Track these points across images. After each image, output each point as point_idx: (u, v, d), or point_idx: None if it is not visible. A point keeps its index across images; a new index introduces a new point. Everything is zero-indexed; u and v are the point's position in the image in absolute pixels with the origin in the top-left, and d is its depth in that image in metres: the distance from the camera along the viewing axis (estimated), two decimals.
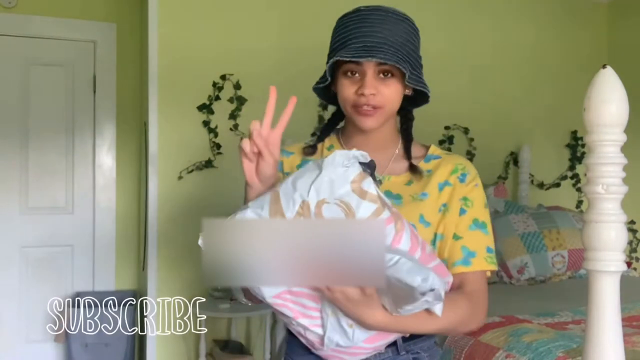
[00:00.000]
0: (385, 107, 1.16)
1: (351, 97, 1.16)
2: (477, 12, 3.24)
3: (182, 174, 2.69)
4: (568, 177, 3.46)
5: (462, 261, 1.15)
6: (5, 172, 3.10)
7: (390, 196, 1.19)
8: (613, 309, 0.99)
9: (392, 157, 1.25)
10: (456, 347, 1.81)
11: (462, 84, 3.20)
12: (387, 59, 1.10)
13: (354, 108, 1.16)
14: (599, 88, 0.98)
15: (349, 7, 1.23)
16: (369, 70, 1.14)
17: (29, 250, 3.13)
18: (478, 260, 1.16)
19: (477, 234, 1.17)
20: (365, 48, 1.12)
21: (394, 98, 1.17)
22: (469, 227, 1.17)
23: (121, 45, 3.26)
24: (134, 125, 3.28)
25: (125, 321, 2.80)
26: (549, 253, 2.75)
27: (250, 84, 2.77)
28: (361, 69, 1.15)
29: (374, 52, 1.11)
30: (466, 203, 1.18)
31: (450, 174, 1.20)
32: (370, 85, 1.13)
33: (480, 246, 1.17)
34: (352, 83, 1.16)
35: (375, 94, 1.14)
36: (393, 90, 1.16)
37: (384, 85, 1.15)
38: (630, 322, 1.86)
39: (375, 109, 1.15)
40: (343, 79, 1.17)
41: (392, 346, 1.15)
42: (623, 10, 3.48)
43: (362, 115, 1.15)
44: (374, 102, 1.14)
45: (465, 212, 1.18)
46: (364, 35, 1.14)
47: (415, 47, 1.20)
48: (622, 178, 1.01)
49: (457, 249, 1.16)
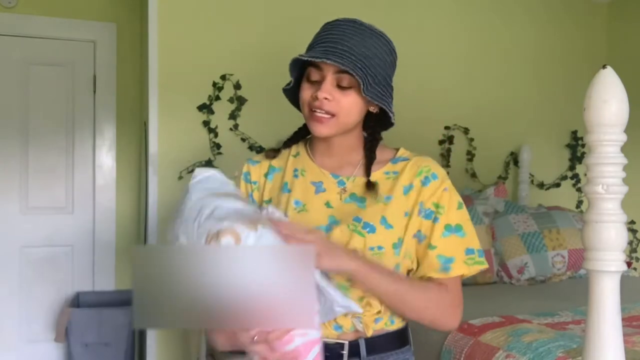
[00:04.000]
0: (339, 116, 1.15)
1: (308, 100, 1.16)
2: (477, 13, 3.24)
3: (182, 174, 2.69)
4: (568, 177, 3.46)
5: (441, 269, 1.16)
6: (5, 172, 3.11)
7: (355, 199, 1.20)
8: (613, 309, 0.99)
9: (358, 166, 1.24)
10: (456, 347, 1.81)
11: (462, 84, 3.19)
12: (341, 64, 1.09)
13: (309, 112, 1.16)
14: (599, 88, 0.98)
15: (349, 7, 1.23)
16: (328, 75, 1.13)
17: (29, 250, 3.13)
18: (457, 264, 1.16)
19: (452, 239, 1.17)
20: (326, 52, 1.12)
21: (350, 109, 1.15)
22: (442, 234, 1.17)
23: (121, 45, 3.26)
24: (134, 125, 3.28)
25: (125, 321, 2.80)
26: (549, 253, 2.75)
27: (250, 84, 2.77)
28: (322, 74, 1.14)
29: (331, 56, 1.11)
30: (438, 210, 1.17)
31: (415, 177, 1.20)
32: (326, 89, 1.13)
33: (457, 251, 1.17)
34: (311, 87, 1.16)
35: (330, 100, 1.13)
36: (350, 101, 1.14)
37: (342, 95, 1.14)
38: (630, 322, 1.86)
39: (329, 117, 1.14)
40: (304, 83, 1.17)
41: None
42: (623, 10, 3.48)
43: (315, 121, 1.15)
44: (328, 107, 1.14)
45: (438, 220, 1.17)
46: (330, 41, 1.14)
47: (384, 63, 1.17)
48: (622, 178, 1.01)
49: (433, 259, 1.16)
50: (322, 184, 1.23)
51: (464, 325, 1.86)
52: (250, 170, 1.30)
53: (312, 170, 1.25)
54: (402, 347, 1.22)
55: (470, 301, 2.27)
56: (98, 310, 2.80)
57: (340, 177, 1.23)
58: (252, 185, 1.28)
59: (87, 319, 2.77)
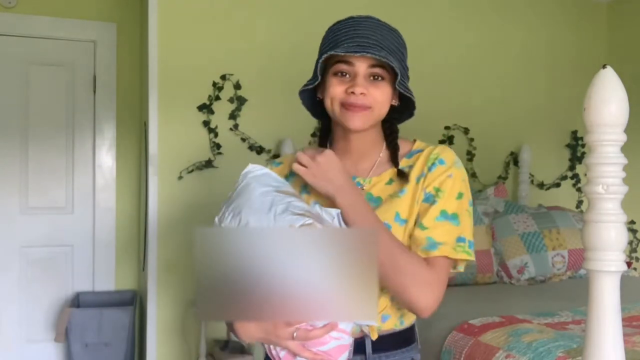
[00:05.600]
0: (374, 108, 1.16)
1: (340, 95, 1.15)
2: (477, 13, 3.24)
3: (182, 174, 2.69)
4: (568, 177, 3.46)
5: (427, 247, 1.12)
6: (5, 172, 3.11)
7: (371, 199, 1.20)
8: (613, 309, 0.99)
9: (375, 163, 1.25)
10: (456, 347, 1.81)
11: (462, 83, 3.20)
12: (381, 56, 1.10)
13: (342, 106, 1.16)
14: (599, 88, 0.98)
15: (350, 7, 1.23)
16: (361, 70, 1.14)
17: (29, 250, 3.13)
18: (445, 247, 1.13)
19: (445, 225, 1.14)
20: (359, 46, 1.12)
21: (383, 101, 1.17)
22: (436, 218, 1.14)
23: (121, 45, 3.26)
24: (134, 125, 3.28)
25: (125, 321, 2.80)
26: (549, 253, 2.75)
27: (250, 84, 2.77)
28: (353, 69, 1.14)
29: (368, 49, 1.11)
30: (437, 194, 1.16)
31: (425, 165, 1.19)
32: (362, 84, 1.13)
33: (448, 238, 1.14)
34: (341, 82, 1.16)
35: (365, 94, 1.14)
36: (383, 93, 1.16)
37: (374, 87, 1.15)
38: (630, 322, 1.86)
39: (365, 111, 1.15)
40: (333, 79, 1.16)
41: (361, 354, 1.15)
42: (623, 10, 3.48)
43: (351, 115, 1.15)
44: (363, 101, 1.14)
45: (436, 202, 1.15)
46: (357, 37, 1.14)
47: (404, 56, 1.20)
48: (622, 178, 1.01)
49: (422, 237, 1.13)
50: None
51: (464, 325, 1.86)
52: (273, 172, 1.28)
53: None
54: (409, 345, 1.22)
55: (470, 301, 2.28)
56: (98, 310, 2.80)
57: (357, 179, 1.23)
58: None
59: (87, 319, 2.77)
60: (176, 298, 2.68)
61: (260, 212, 1.02)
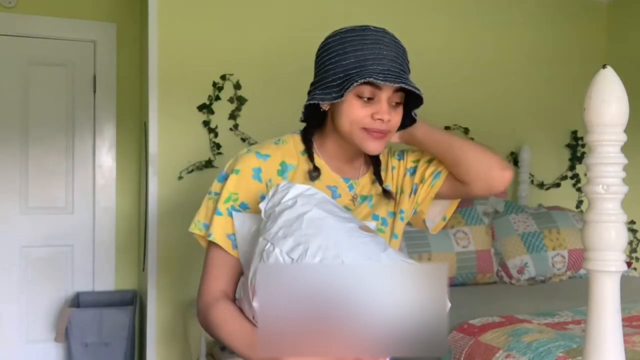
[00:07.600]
0: (390, 132, 1.20)
1: (364, 120, 1.15)
2: (477, 12, 3.24)
3: (182, 174, 2.68)
4: (568, 177, 3.46)
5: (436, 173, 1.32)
6: (5, 172, 3.10)
7: (364, 199, 1.24)
8: (613, 309, 0.99)
9: (361, 166, 1.31)
10: (456, 347, 1.81)
11: (462, 83, 3.20)
12: (412, 86, 1.14)
13: (364, 130, 1.16)
14: (599, 88, 0.98)
15: (350, 7, 1.23)
16: (386, 95, 1.14)
17: (29, 250, 3.13)
18: None
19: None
20: (391, 71, 1.12)
21: (397, 125, 1.21)
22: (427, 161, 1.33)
23: (121, 45, 3.26)
24: (134, 125, 3.28)
25: (125, 321, 2.80)
26: (549, 253, 2.75)
27: (250, 84, 2.77)
28: (378, 93, 1.14)
29: (401, 77, 1.13)
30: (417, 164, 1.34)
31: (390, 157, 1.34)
32: (387, 110, 1.15)
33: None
34: (364, 105, 1.15)
35: (390, 120, 1.17)
36: (399, 117, 1.20)
37: (395, 112, 1.18)
38: (630, 322, 1.85)
39: (385, 134, 1.18)
40: (355, 101, 1.15)
41: None
42: (623, 10, 3.48)
43: (374, 139, 1.16)
44: (385, 127, 1.16)
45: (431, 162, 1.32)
46: (384, 58, 1.13)
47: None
48: (622, 178, 1.01)
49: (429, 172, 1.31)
50: (337, 188, 1.25)
51: (464, 325, 1.86)
52: (261, 166, 1.20)
53: (327, 173, 1.26)
54: None
55: (470, 301, 2.28)
56: (98, 310, 2.80)
57: (350, 182, 1.27)
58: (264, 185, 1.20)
59: (87, 319, 2.77)
60: (176, 298, 2.68)
61: (363, 253, 0.95)
